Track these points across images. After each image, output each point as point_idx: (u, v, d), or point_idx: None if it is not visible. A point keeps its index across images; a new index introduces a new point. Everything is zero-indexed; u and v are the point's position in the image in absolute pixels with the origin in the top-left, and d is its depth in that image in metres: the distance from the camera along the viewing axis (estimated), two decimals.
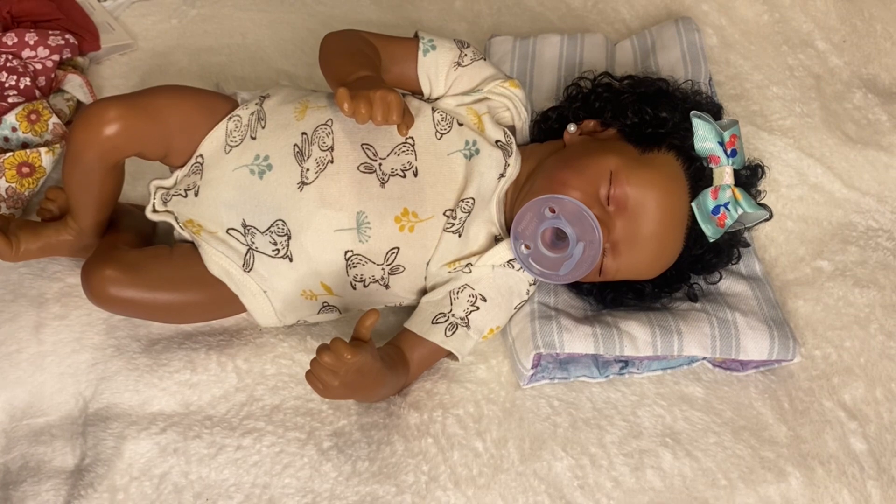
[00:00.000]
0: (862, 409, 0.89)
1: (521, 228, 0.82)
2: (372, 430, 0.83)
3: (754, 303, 0.92)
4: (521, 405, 0.86)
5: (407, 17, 1.25)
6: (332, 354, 0.71)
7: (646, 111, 0.88)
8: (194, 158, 0.85)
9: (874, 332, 0.95)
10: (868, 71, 1.20)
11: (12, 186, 0.97)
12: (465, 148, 0.86)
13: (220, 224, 0.83)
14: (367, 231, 0.82)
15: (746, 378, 0.91)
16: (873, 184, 1.07)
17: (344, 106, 0.73)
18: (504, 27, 1.24)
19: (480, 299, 0.86)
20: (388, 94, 0.74)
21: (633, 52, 1.16)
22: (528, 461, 0.82)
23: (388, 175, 0.83)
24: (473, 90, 0.90)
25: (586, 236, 0.80)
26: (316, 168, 0.82)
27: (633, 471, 0.82)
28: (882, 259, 1.01)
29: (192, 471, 0.79)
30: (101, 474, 0.78)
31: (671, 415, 0.86)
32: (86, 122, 0.80)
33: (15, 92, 1.02)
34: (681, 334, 0.87)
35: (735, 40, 1.19)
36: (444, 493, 0.79)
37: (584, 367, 0.89)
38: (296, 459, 0.80)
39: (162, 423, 0.81)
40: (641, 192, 0.82)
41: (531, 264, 0.83)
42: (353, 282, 0.84)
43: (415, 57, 0.88)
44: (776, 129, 1.09)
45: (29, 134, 1.00)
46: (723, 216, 0.85)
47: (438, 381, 0.87)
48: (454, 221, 0.85)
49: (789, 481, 0.82)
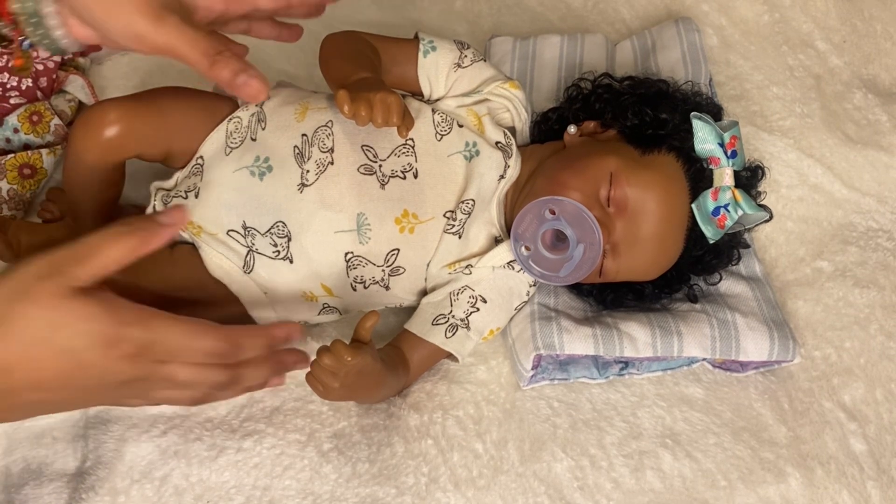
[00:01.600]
0: (862, 409, 0.89)
1: (521, 230, 0.83)
2: (372, 431, 0.83)
3: (754, 303, 0.92)
4: (521, 406, 0.86)
5: (408, 17, 1.25)
6: (333, 356, 0.71)
7: (646, 112, 0.88)
8: (194, 160, 0.85)
9: (874, 333, 0.95)
10: (868, 71, 1.20)
11: (13, 188, 0.97)
12: (465, 149, 0.87)
13: (220, 225, 0.83)
14: (367, 233, 0.82)
15: (746, 379, 0.91)
16: (873, 184, 1.07)
17: (344, 108, 0.73)
18: (504, 27, 1.24)
19: (480, 301, 0.86)
20: (389, 97, 0.74)
21: (634, 52, 1.16)
22: (528, 462, 0.82)
23: (388, 176, 0.83)
24: (473, 91, 0.90)
25: (586, 238, 0.80)
26: (316, 169, 0.82)
27: (632, 472, 0.82)
28: (882, 259, 1.01)
29: (193, 473, 0.79)
30: (103, 477, 0.78)
31: (671, 416, 0.86)
32: (86, 124, 0.80)
33: (17, 93, 1.02)
34: (681, 335, 0.87)
35: (735, 40, 1.19)
36: (444, 494, 0.79)
37: (584, 368, 0.89)
38: (296, 461, 0.80)
39: (163, 426, 0.81)
40: (641, 194, 0.83)
41: (531, 266, 0.84)
42: (353, 283, 0.84)
43: (415, 58, 0.88)
44: (776, 130, 1.09)
45: (31, 135, 1.00)
46: (723, 217, 0.85)
47: (438, 382, 0.87)
48: (454, 223, 0.85)
49: (789, 482, 0.82)
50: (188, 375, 0.67)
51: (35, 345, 0.60)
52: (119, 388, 0.65)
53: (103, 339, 0.61)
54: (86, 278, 0.61)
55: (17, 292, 0.60)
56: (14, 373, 0.61)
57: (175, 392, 0.69)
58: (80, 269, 0.61)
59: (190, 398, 0.71)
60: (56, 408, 0.68)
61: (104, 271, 0.62)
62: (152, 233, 0.65)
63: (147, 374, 0.65)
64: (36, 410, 0.67)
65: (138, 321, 0.63)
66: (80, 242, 0.62)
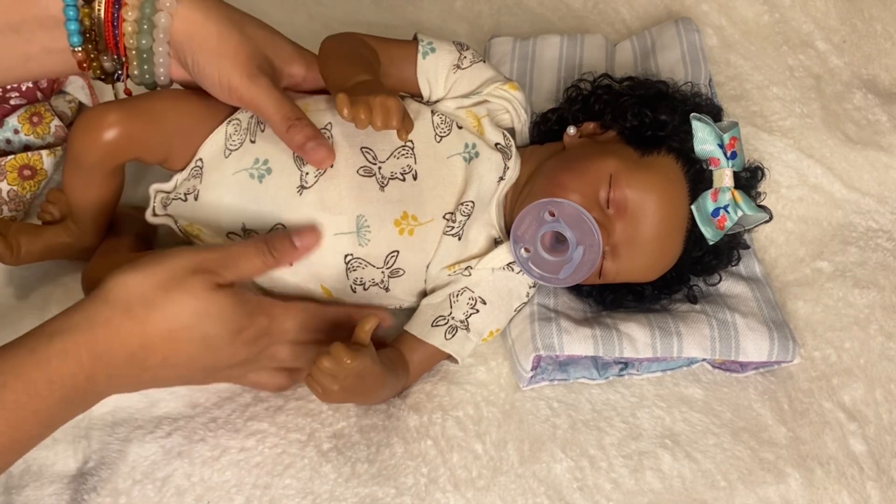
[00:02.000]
0: (861, 410, 0.89)
1: (520, 232, 0.83)
2: (371, 432, 0.83)
3: (754, 304, 0.92)
4: (521, 407, 0.86)
5: (407, 18, 1.25)
6: (332, 359, 0.71)
7: (645, 114, 0.88)
8: (194, 162, 0.85)
9: (874, 333, 0.94)
10: (868, 71, 1.20)
11: (14, 189, 0.97)
12: (464, 151, 0.87)
13: (219, 228, 0.83)
14: (366, 234, 0.82)
15: (746, 379, 0.91)
16: (873, 184, 1.07)
17: (343, 111, 0.73)
18: (504, 28, 1.24)
19: (480, 302, 0.86)
20: (388, 100, 0.74)
21: (633, 52, 1.16)
22: (528, 463, 0.82)
23: (387, 178, 0.83)
24: (473, 93, 0.90)
25: (586, 240, 0.80)
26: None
27: (632, 472, 0.82)
28: (882, 260, 1.01)
29: (195, 473, 0.79)
30: (105, 478, 0.78)
31: (670, 416, 0.86)
32: (85, 126, 0.80)
33: (17, 94, 1.03)
34: (680, 336, 0.87)
35: (735, 41, 1.19)
36: (443, 494, 0.79)
37: (583, 369, 0.89)
38: (296, 461, 0.80)
39: (168, 427, 0.81)
40: (641, 195, 0.83)
41: (531, 268, 0.84)
42: (352, 285, 0.84)
43: (414, 59, 0.88)
44: (776, 130, 1.09)
45: (31, 136, 1.01)
46: (722, 218, 0.85)
47: (438, 382, 0.87)
48: (454, 224, 0.85)
49: (789, 483, 0.82)
50: (288, 353, 0.77)
51: (182, 329, 0.69)
52: (231, 368, 0.75)
53: (235, 327, 0.71)
54: (230, 280, 0.72)
55: (172, 281, 0.69)
56: (154, 351, 0.69)
57: (267, 376, 0.80)
58: (226, 271, 0.72)
59: (276, 384, 0.81)
60: (170, 384, 0.77)
61: (242, 277, 0.74)
62: (286, 253, 0.77)
63: (257, 355, 0.75)
64: (154, 384, 0.73)
65: (262, 310, 0.74)
66: (225, 250, 0.74)
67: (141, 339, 0.68)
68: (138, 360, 0.68)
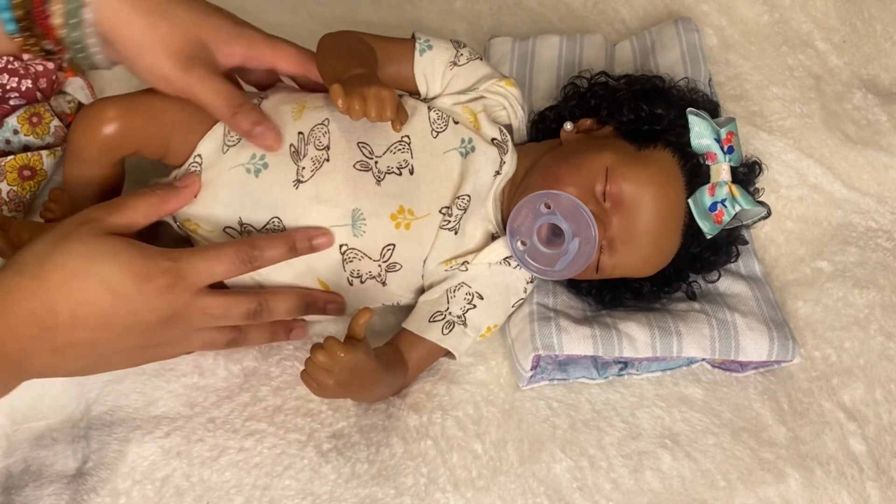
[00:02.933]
0: (861, 410, 0.89)
1: (516, 224, 0.83)
2: (371, 432, 0.83)
3: (754, 303, 0.92)
4: (521, 407, 0.86)
5: (407, 17, 1.25)
6: (326, 352, 0.72)
7: (641, 108, 0.88)
8: (192, 158, 0.85)
9: (874, 333, 0.94)
10: (868, 71, 1.20)
11: (13, 189, 0.97)
12: (460, 146, 0.87)
13: (217, 223, 0.83)
14: (362, 227, 0.82)
15: (746, 379, 0.91)
16: (873, 184, 1.07)
17: (338, 102, 0.73)
18: (504, 27, 1.24)
19: (477, 297, 0.86)
20: (382, 91, 0.74)
21: (633, 52, 1.16)
22: (527, 463, 0.82)
23: (383, 173, 0.83)
24: (469, 89, 0.90)
25: (582, 232, 0.80)
26: (312, 166, 0.82)
27: (632, 472, 0.82)
28: (882, 260, 1.01)
29: (195, 473, 0.79)
30: (104, 478, 0.78)
31: (670, 416, 0.86)
32: (84, 122, 0.81)
33: (16, 94, 1.02)
34: (680, 335, 0.87)
35: (735, 40, 1.19)
36: (443, 495, 0.79)
37: (583, 369, 0.89)
38: (296, 461, 0.80)
39: (166, 427, 0.81)
40: (637, 189, 0.83)
41: (527, 260, 0.84)
42: (349, 277, 0.84)
43: (411, 57, 0.88)
44: (776, 130, 1.09)
45: (31, 136, 1.00)
46: (720, 213, 0.85)
47: (438, 382, 0.87)
48: (450, 219, 0.85)
49: (788, 482, 0.82)
50: (220, 305, 0.75)
51: (74, 277, 0.68)
52: (160, 330, 0.73)
53: (135, 272, 0.69)
54: (116, 225, 0.72)
55: (59, 235, 0.70)
56: (57, 308, 0.67)
57: (212, 334, 0.78)
58: (112, 217, 0.72)
59: (225, 340, 0.79)
60: (104, 359, 0.74)
61: (131, 222, 0.74)
62: (170, 193, 0.78)
63: (182, 307, 0.72)
64: (83, 357, 0.72)
65: (163, 254, 0.72)
66: (112, 200, 0.75)
67: (39, 295, 0.67)
68: (43, 319, 0.67)
